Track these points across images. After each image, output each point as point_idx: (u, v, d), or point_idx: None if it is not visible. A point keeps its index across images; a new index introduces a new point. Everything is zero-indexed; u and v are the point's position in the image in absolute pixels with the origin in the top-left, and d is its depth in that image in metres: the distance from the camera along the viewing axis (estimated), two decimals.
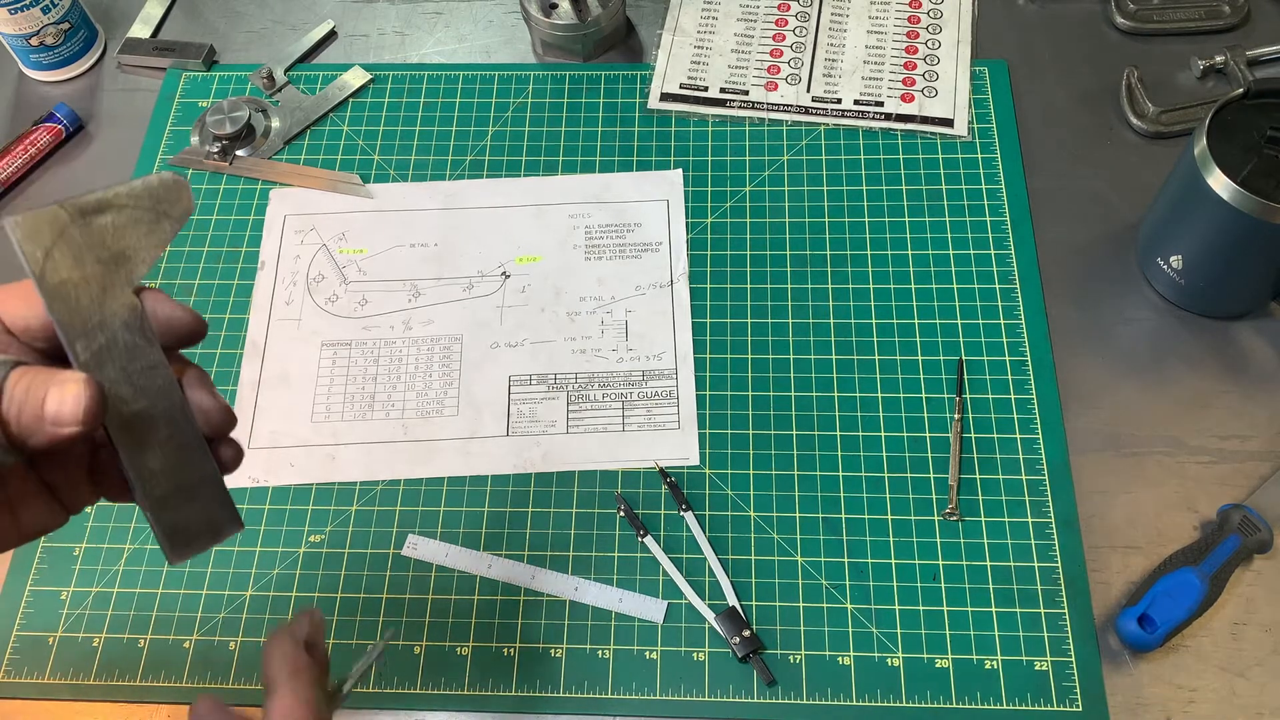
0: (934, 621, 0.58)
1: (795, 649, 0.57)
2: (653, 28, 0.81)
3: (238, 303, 0.70)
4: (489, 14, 0.84)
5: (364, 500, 0.63)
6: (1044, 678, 0.56)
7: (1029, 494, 0.61)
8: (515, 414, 0.65)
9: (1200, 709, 0.55)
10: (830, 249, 0.70)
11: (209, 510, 0.35)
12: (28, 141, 0.76)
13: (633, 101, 0.77)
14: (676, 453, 0.63)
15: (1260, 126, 0.59)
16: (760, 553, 0.60)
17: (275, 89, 0.79)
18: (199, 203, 0.74)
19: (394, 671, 0.58)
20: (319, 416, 0.66)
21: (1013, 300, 0.67)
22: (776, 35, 0.80)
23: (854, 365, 0.66)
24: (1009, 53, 0.79)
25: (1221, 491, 0.61)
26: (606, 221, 0.72)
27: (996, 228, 0.70)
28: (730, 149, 0.75)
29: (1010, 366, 0.65)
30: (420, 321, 0.69)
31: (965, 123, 0.75)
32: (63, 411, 0.30)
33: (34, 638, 0.60)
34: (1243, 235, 0.59)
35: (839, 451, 0.63)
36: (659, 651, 0.58)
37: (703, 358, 0.66)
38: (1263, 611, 0.57)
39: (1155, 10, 0.79)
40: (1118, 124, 0.75)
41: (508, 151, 0.76)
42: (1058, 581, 0.58)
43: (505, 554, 0.61)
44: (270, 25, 0.84)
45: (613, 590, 0.59)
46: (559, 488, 0.63)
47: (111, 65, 0.83)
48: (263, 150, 0.76)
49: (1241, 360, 0.65)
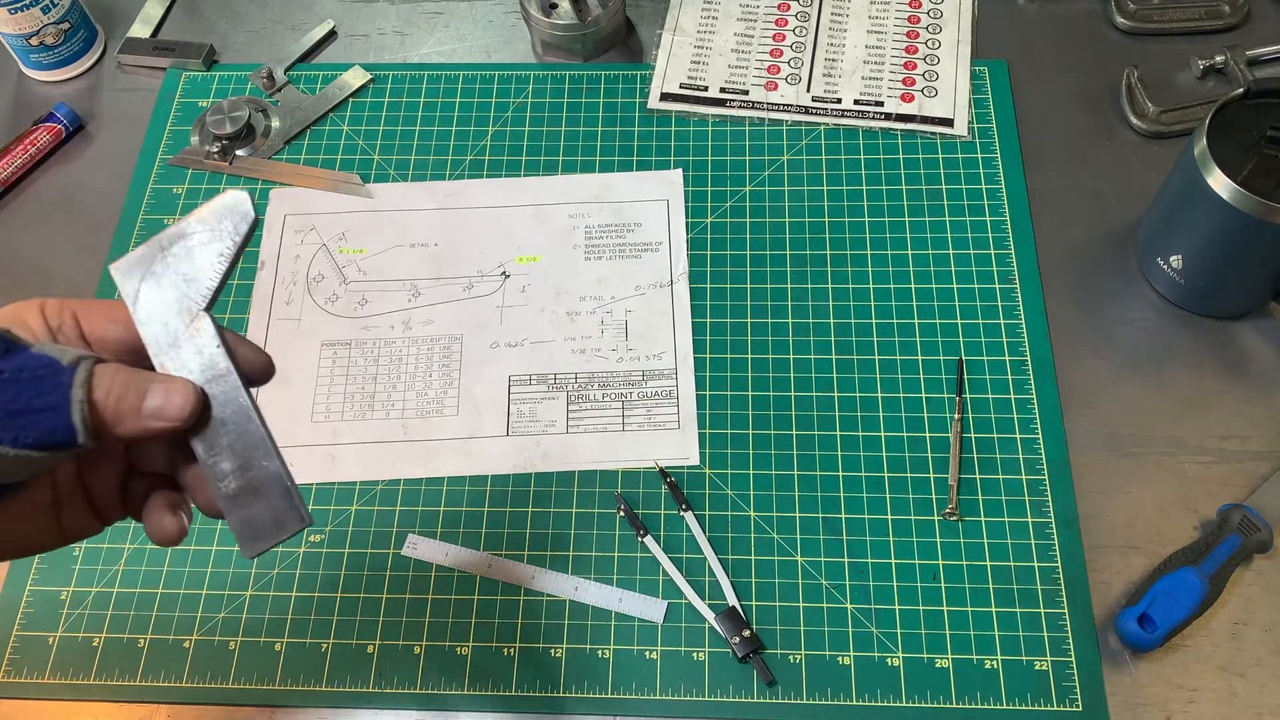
0: (934, 621, 0.58)
1: (795, 649, 0.57)
2: (653, 28, 0.81)
3: (238, 302, 0.70)
4: (489, 14, 0.84)
5: (364, 500, 0.63)
6: (1044, 678, 0.56)
7: (1029, 494, 0.61)
8: (515, 414, 0.65)
9: (1200, 709, 0.55)
10: (830, 249, 0.70)
11: (275, 507, 0.38)
12: (28, 141, 0.76)
13: (633, 101, 0.77)
14: (676, 453, 0.63)
15: (1260, 126, 0.59)
16: (760, 553, 0.60)
17: (275, 89, 0.79)
18: (199, 203, 0.74)
19: (394, 671, 0.58)
20: (319, 416, 0.66)
21: (1013, 300, 0.67)
22: (776, 35, 0.80)
23: (854, 365, 0.66)
24: (1009, 53, 0.79)
25: (1221, 491, 0.61)
26: (606, 221, 0.72)
27: (996, 228, 0.70)
28: (730, 149, 0.75)
29: (1010, 366, 0.65)
30: (420, 321, 0.69)
31: (965, 123, 0.75)
32: (167, 408, 0.36)
33: (34, 638, 0.60)
34: (1243, 235, 0.59)
35: (839, 451, 0.63)
36: (659, 651, 0.58)
37: (703, 358, 0.66)
38: (1263, 611, 0.57)
39: (1155, 10, 0.79)
40: (1118, 124, 0.75)
41: (508, 151, 0.76)
42: (1058, 581, 0.58)
43: (505, 554, 0.61)
44: (270, 25, 0.84)
45: (613, 590, 0.59)
46: (559, 488, 0.63)
47: (111, 65, 0.83)
48: (263, 150, 0.76)
49: (1241, 360, 0.65)
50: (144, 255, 0.38)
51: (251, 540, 0.38)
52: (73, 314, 0.38)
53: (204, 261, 0.38)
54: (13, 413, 0.33)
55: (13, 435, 0.33)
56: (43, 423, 0.33)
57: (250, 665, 0.58)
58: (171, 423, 0.36)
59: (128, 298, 0.38)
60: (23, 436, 0.33)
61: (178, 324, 0.38)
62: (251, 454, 0.38)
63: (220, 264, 0.38)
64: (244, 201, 0.38)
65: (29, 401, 0.33)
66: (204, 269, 0.38)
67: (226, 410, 0.38)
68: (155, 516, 0.39)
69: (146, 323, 0.38)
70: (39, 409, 0.33)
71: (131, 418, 0.35)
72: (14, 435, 0.33)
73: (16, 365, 0.33)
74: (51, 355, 0.34)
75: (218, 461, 0.38)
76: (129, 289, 0.38)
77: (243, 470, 0.38)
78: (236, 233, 0.38)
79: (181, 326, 0.38)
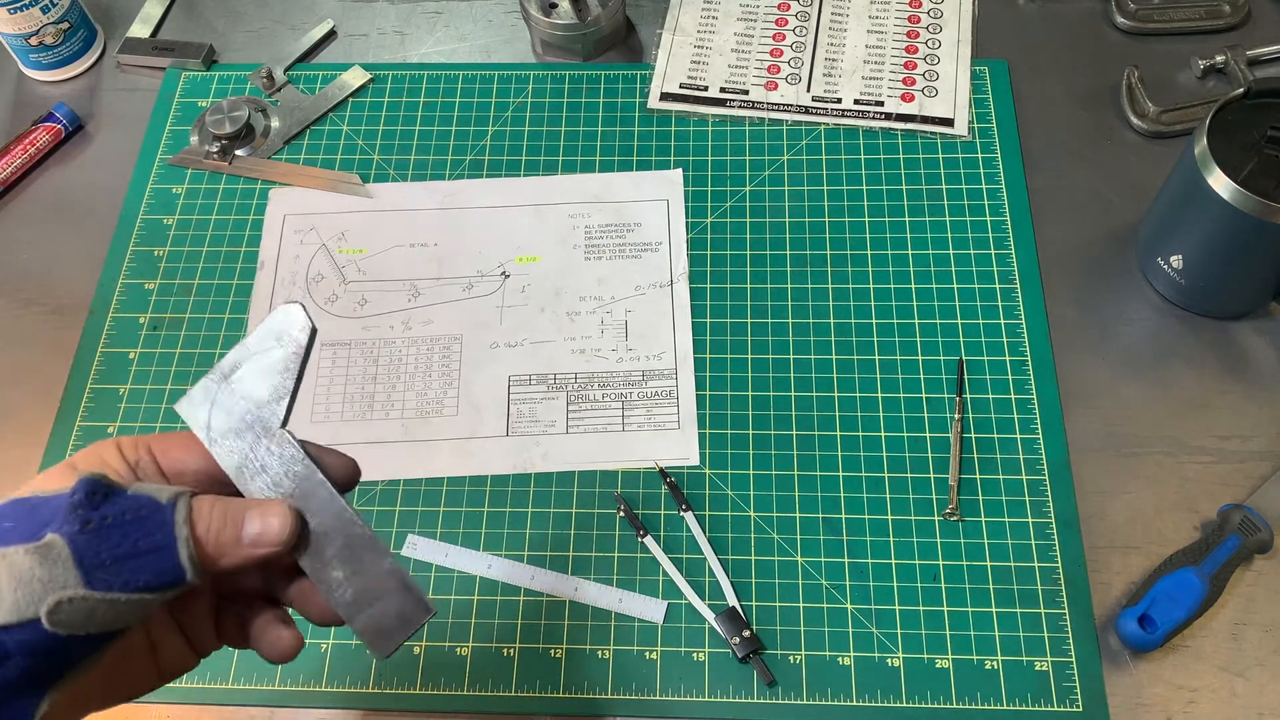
0: (934, 622, 0.58)
1: (795, 649, 0.57)
2: (653, 27, 0.81)
3: (237, 303, 0.70)
4: (488, 13, 0.84)
5: (364, 500, 0.63)
6: (1044, 678, 0.56)
7: (1029, 494, 0.61)
8: (515, 414, 0.65)
9: (1200, 709, 0.55)
10: (830, 249, 0.70)
11: (398, 603, 0.38)
12: (27, 141, 0.76)
13: (632, 101, 0.77)
14: (676, 453, 0.63)
15: (1261, 126, 0.59)
16: (760, 553, 0.60)
17: (275, 89, 0.79)
18: (198, 203, 0.74)
19: (394, 672, 0.58)
20: (319, 416, 0.66)
21: (1013, 300, 0.67)
22: (776, 35, 0.80)
23: (854, 365, 0.66)
24: (1009, 52, 0.79)
25: (1222, 491, 0.61)
26: (606, 221, 0.72)
27: (997, 227, 0.70)
28: (730, 149, 0.75)
29: (1010, 366, 0.65)
30: (420, 321, 0.69)
31: (965, 122, 0.75)
32: (267, 533, 0.36)
33: None
34: (1243, 235, 0.59)
35: (839, 451, 0.63)
36: (659, 652, 0.58)
37: (703, 358, 0.66)
38: (1263, 612, 0.57)
39: (1156, 10, 0.79)
40: (1118, 124, 0.75)
41: (507, 151, 0.75)
42: (1058, 582, 0.58)
43: (505, 554, 0.61)
44: (270, 25, 0.84)
45: (613, 590, 0.59)
46: (559, 488, 0.63)
47: (111, 65, 0.83)
48: (262, 150, 0.76)
49: (1242, 360, 0.65)
50: (206, 388, 0.38)
51: (381, 641, 0.38)
52: (148, 449, 0.38)
53: (269, 381, 0.38)
54: (121, 557, 0.33)
55: (123, 580, 0.33)
56: (151, 564, 0.33)
57: (250, 666, 0.58)
58: (273, 547, 0.36)
59: (199, 431, 0.38)
60: (134, 580, 0.33)
61: (257, 448, 0.38)
62: (361, 557, 0.38)
63: (287, 381, 0.38)
64: (296, 312, 0.38)
65: (135, 544, 0.33)
66: (270, 389, 0.38)
67: (325, 520, 0.38)
68: (271, 635, 0.39)
69: (225, 453, 0.38)
70: (145, 551, 0.33)
71: (234, 548, 0.36)
72: (125, 579, 0.33)
73: (119, 509, 0.34)
74: (149, 494, 0.35)
75: (328, 572, 0.38)
76: (198, 422, 0.38)
77: (355, 575, 0.38)
78: (297, 344, 0.38)
79: (261, 449, 0.38)
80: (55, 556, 0.32)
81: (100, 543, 0.33)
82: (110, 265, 0.72)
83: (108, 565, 0.33)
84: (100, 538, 0.33)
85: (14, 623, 0.32)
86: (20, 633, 0.32)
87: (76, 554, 0.33)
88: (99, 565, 0.33)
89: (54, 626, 0.32)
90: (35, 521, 0.33)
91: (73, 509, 0.33)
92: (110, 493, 0.34)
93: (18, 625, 0.32)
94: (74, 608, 0.32)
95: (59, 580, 0.32)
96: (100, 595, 0.33)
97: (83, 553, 0.33)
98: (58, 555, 0.32)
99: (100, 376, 0.68)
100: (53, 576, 0.32)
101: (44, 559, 0.32)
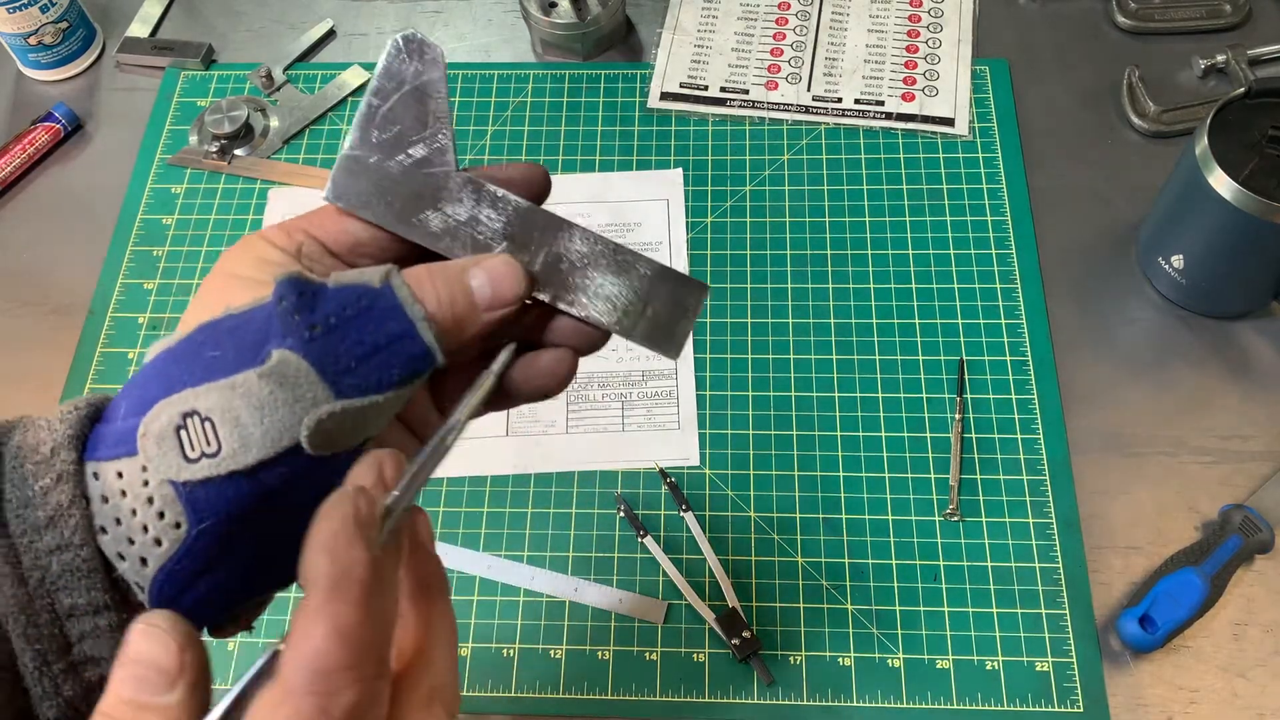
0: (935, 622, 0.58)
1: (795, 650, 0.57)
2: (652, 26, 0.81)
3: None
4: (488, 13, 0.83)
5: None
6: (1045, 678, 0.56)
7: (1030, 494, 0.61)
8: (515, 414, 0.65)
9: (1201, 710, 0.55)
10: (830, 249, 0.70)
11: (666, 295, 0.34)
12: (26, 141, 0.76)
13: (632, 101, 0.77)
14: (676, 453, 0.63)
15: (1261, 126, 0.59)
16: (760, 553, 0.60)
17: (274, 88, 0.79)
18: (197, 202, 0.74)
19: None
20: None
21: (1013, 300, 0.67)
22: (777, 34, 0.80)
23: (854, 365, 0.65)
24: (1010, 52, 0.78)
25: (1223, 491, 0.61)
26: (606, 221, 0.72)
27: (997, 227, 0.70)
28: (730, 148, 0.75)
29: (1011, 366, 0.65)
30: None
31: (966, 122, 0.74)
32: (502, 289, 0.31)
33: None
34: (1244, 235, 0.59)
35: (839, 451, 0.63)
36: (659, 652, 0.58)
37: (702, 358, 0.66)
38: (1264, 612, 0.57)
39: (1156, 9, 0.78)
40: (1119, 123, 0.75)
41: (507, 151, 0.75)
42: (1058, 582, 0.58)
43: (505, 554, 0.61)
44: (269, 24, 0.84)
45: (613, 591, 0.59)
46: (559, 488, 0.63)
47: (110, 64, 0.83)
48: (261, 150, 0.76)
49: (1243, 360, 0.65)
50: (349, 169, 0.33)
51: (668, 342, 0.34)
52: (303, 232, 0.33)
53: (416, 129, 0.33)
54: (362, 357, 0.29)
55: (375, 379, 0.29)
56: (398, 355, 0.29)
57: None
58: (511, 304, 0.31)
59: (363, 211, 0.33)
60: (386, 378, 0.29)
61: (440, 203, 0.32)
62: (609, 267, 0.33)
63: (439, 119, 0.33)
64: (411, 37, 0.34)
65: (374, 339, 0.29)
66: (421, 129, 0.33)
67: (551, 247, 0.33)
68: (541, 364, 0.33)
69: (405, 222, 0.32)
70: (386, 344, 0.29)
71: (471, 315, 0.31)
72: (377, 379, 0.29)
73: (337, 305, 0.29)
74: (358, 283, 0.30)
75: (577, 298, 0.33)
76: (356, 201, 0.33)
77: (616, 287, 0.33)
78: (435, 65, 0.33)
79: (447, 203, 0.33)
80: (294, 374, 0.28)
81: (336, 346, 0.29)
82: (109, 265, 0.72)
83: (354, 369, 0.29)
84: (334, 341, 0.29)
85: (270, 457, 0.28)
86: (280, 467, 0.28)
87: (317, 365, 0.28)
88: (345, 371, 0.29)
89: (316, 450, 0.28)
90: (244, 343, 0.29)
91: (289, 317, 0.29)
92: (318, 291, 0.29)
93: (274, 459, 0.28)
94: (334, 423, 0.28)
95: (308, 398, 0.28)
96: (360, 402, 0.29)
97: (323, 362, 0.28)
98: (296, 371, 0.28)
99: (99, 377, 0.67)
100: (299, 396, 0.28)
101: (283, 380, 0.28)
